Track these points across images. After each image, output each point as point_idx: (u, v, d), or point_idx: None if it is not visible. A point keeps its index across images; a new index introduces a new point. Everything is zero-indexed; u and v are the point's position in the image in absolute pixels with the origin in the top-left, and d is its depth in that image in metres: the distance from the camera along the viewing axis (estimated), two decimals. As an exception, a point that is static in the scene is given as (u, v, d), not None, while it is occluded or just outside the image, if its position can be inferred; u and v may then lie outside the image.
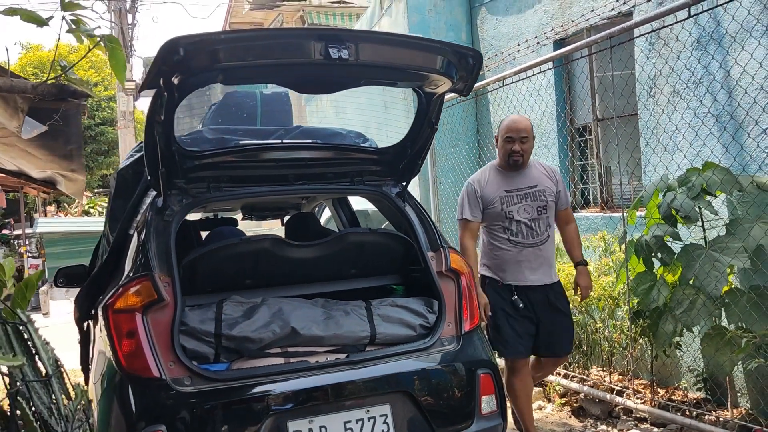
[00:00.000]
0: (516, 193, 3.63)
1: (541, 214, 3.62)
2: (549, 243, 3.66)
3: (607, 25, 4.83)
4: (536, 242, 3.62)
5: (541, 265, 3.62)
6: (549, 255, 3.67)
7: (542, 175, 3.68)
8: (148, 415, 2.35)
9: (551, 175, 3.72)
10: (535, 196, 3.62)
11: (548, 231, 3.65)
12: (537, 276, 3.61)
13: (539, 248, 3.62)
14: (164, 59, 2.19)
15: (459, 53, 2.66)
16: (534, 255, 3.61)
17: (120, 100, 16.32)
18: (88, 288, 3.14)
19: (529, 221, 3.61)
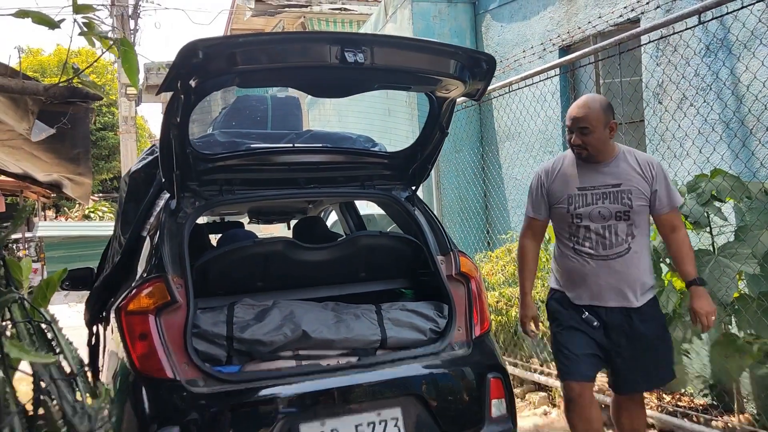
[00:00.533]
0: (591, 192, 2.93)
1: (620, 219, 2.89)
2: (630, 257, 2.89)
3: (614, 32, 4.85)
4: (608, 255, 2.90)
5: (618, 284, 2.90)
6: (630, 272, 2.90)
7: (632, 171, 2.91)
8: (162, 416, 2.36)
9: (646, 170, 2.92)
10: (616, 197, 2.89)
11: (629, 242, 2.89)
12: (610, 296, 2.91)
13: (614, 262, 2.89)
14: (183, 62, 2.20)
15: (473, 57, 2.68)
16: (605, 271, 2.90)
17: (122, 105, 16.34)
18: (99, 290, 3.14)
19: (601, 228, 2.91)
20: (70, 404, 1.37)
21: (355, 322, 2.85)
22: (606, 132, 2.88)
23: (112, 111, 23.88)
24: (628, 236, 2.90)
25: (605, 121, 2.87)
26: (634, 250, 2.90)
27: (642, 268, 2.93)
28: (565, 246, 3.04)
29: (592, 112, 2.87)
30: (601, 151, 2.92)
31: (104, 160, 24.61)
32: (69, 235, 14.02)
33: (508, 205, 6.31)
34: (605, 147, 2.91)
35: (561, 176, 3.04)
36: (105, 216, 19.95)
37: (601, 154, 2.93)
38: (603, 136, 2.89)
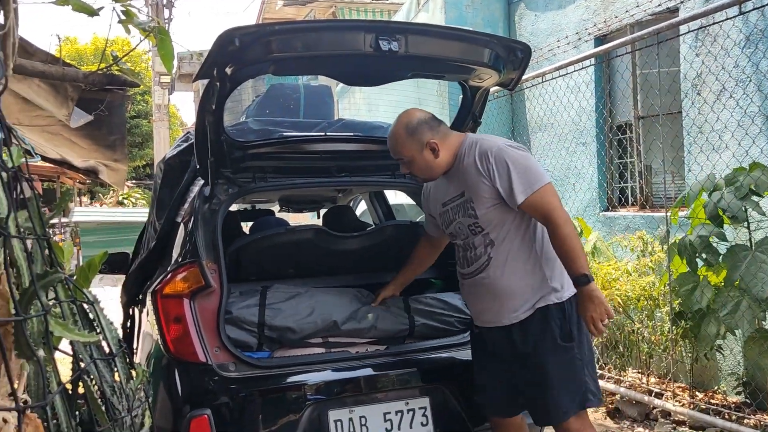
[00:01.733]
0: (450, 207, 2.56)
1: (475, 232, 2.48)
2: (494, 269, 2.45)
3: (651, 22, 4.76)
4: (473, 270, 2.51)
5: (491, 300, 2.47)
6: (498, 284, 2.43)
7: (473, 172, 2.43)
8: (194, 399, 2.40)
9: (483, 166, 2.40)
10: (464, 209, 2.49)
11: (489, 252, 2.45)
12: (487, 315, 2.51)
13: (480, 277, 2.49)
14: (219, 50, 2.22)
15: (508, 46, 2.65)
16: (476, 287, 2.51)
17: (155, 93, 16.56)
18: (136, 274, 3.20)
19: (463, 244, 2.55)
20: (109, 384, 1.40)
21: (384, 311, 2.86)
22: (426, 154, 2.46)
23: (146, 99, 24.20)
24: (487, 246, 2.46)
25: (419, 146, 2.46)
26: (497, 259, 2.44)
27: (516, 276, 2.43)
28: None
29: (397, 143, 2.51)
30: (433, 171, 2.52)
31: (138, 148, 24.97)
32: (104, 221, 14.27)
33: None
34: (436, 166, 2.49)
35: (431, 195, 2.71)
36: (138, 202, 20.27)
37: (435, 172, 2.53)
38: (425, 161, 2.48)
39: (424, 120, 2.50)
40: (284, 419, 2.46)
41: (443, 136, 2.50)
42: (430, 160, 2.48)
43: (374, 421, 2.56)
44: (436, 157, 2.47)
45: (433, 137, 2.47)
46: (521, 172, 2.35)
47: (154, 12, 15.21)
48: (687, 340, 4.07)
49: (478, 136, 2.56)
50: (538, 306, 2.40)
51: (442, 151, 2.47)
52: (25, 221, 1.17)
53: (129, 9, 2.84)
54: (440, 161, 2.49)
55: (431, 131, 2.48)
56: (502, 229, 2.44)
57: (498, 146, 2.41)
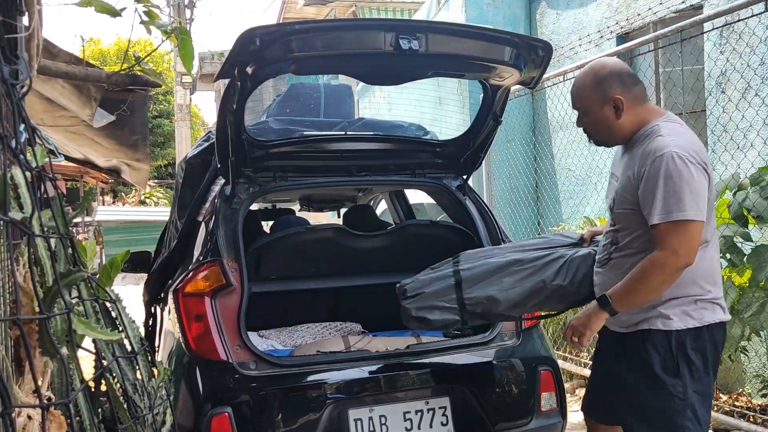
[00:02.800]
0: (610, 182, 2.34)
1: (611, 224, 2.27)
2: (610, 267, 2.23)
3: (674, 19, 4.69)
4: (599, 258, 2.31)
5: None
6: (607, 287, 2.17)
7: (635, 162, 2.12)
8: (215, 397, 2.41)
9: (641, 163, 2.08)
10: (613, 192, 2.26)
11: (611, 249, 2.23)
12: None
13: (599, 269, 2.30)
14: (240, 49, 2.23)
15: (529, 45, 2.63)
16: (596, 276, 2.32)
17: (177, 93, 16.71)
18: (158, 273, 3.23)
19: (605, 230, 2.33)
20: (131, 382, 1.42)
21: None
22: (605, 111, 2.17)
23: (168, 99, 24.44)
24: (612, 244, 2.23)
25: (601, 98, 2.16)
26: (615, 262, 2.21)
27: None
28: None
29: (580, 88, 2.24)
30: (605, 134, 2.24)
31: (160, 147, 25.22)
32: (126, 220, 14.45)
33: (560, 197, 6.20)
34: (614, 129, 2.19)
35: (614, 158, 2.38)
36: (160, 201, 20.47)
37: (608, 138, 2.25)
38: (601, 117, 2.19)
39: (617, 72, 2.17)
40: (304, 418, 2.46)
41: (635, 99, 2.15)
42: (610, 119, 2.16)
43: (394, 421, 2.56)
44: (617, 117, 2.15)
45: (622, 94, 2.13)
46: (669, 193, 2.00)
47: (175, 12, 15.35)
48: (711, 342, 4.01)
49: (667, 125, 2.13)
50: (641, 327, 2.15)
51: (626, 113, 2.14)
52: (48, 220, 1.19)
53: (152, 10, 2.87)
54: (620, 125, 2.16)
55: (622, 87, 2.15)
56: (630, 236, 2.17)
57: (666, 151, 2.02)
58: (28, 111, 1.17)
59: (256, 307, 2.84)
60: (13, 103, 1.07)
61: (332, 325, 3.09)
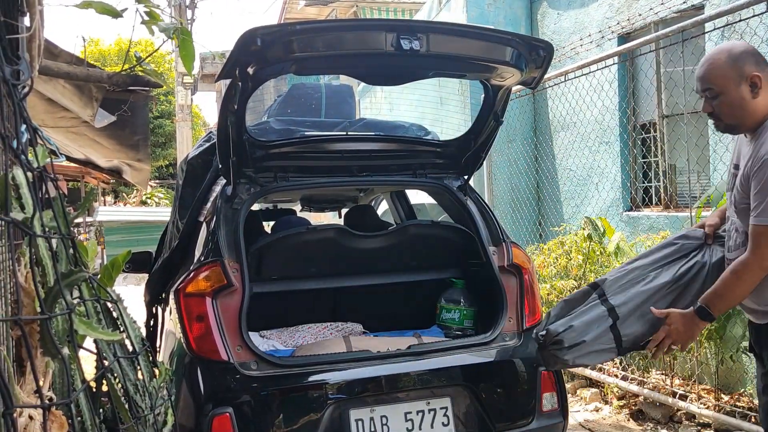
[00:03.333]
0: (732, 173, 2.25)
1: (734, 213, 2.21)
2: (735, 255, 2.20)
3: (675, 19, 4.69)
4: (729, 257, 2.24)
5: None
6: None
7: (756, 158, 2.06)
8: (216, 397, 2.41)
9: (758, 162, 2.03)
10: (733, 183, 2.19)
11: (736, 239, 2.19)
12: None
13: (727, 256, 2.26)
14: (241, 50, 2.23)
15: (530, 45, 2.63)
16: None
17: (178, 94, 16.71)
18: (159, 273, 3.23)
19: (729, 220, 2.27)
20: (132, 382, 1.42)
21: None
22: (741, 89, 2.06)
23: (169, 99, 24.47)
24: (734, 232, 2.20)
25: (737, 75, 2.06)
26: (738, 251, 2.17)
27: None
28: None
29: (714, 68, 2.11)
30: (737, 117, 2.10)
31: (161, 147, 25.25)
32: (127, 220, 14.46)
33: (561, 197, 6.20)
34: (748, 109, 2.07)
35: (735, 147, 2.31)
36: (161, 202, 20.48)
37: (740, 121, 2.11)
38: (736, 97, 2.07)
39: (751, 51, 2.10)
40: (305, 418, 2.47)
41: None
42: (746, 98, 2.06)
43: (395, 421, 2.56)
44: (754, 96, 2.06)
45: (760, 72, 2.06)
46: (763, 199, 1.99)
47: (176, 13, 15.36)
48: (712, 342, 4.00)
49: None
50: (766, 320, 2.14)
51: (764, 91, 2.06)
52: (50, 221, 1.19)
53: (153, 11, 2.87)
54: (756, 104, 2.07)
55: (757, 66, 2.07)
56: (743, 222, 2.14)
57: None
58: (29, 111, 1.18)
59: (257, 308, 2.84)
60: (14, 104, 1.07)
61: (333, 325, 3.08)
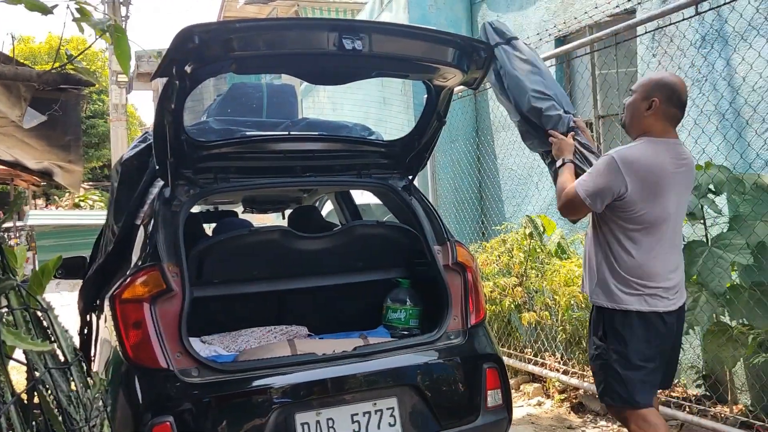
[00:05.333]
0: None
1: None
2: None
3: (610, 23, 4.83)
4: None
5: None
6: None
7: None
8: (155, 406, 2.34)
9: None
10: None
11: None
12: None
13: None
14: (178, 47, 2.17)
15: (471, 46, 2.66)
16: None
17: (113, 92, 16.22)
18: (93, 279, 3.12)
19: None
20: (65, 393, 1.35)
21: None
22: (643, 103, 2.63)
23: (102, 99, 23.74)
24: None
25: (647, 93, 2.62)
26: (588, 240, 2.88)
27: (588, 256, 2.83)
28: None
29: (643, 79, 2.73)
30: (633, 120, 2.70)
31: (94, 148, 24.48)
32: (60, 224, 13.93)
33: (503, 196, 6.30)
34: (637, 118, 2.67)
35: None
36: (95, 205, 19.83)
37: (632, 122, 2.71)
38: (637, 106, 2.66)
39: (673, 90, 2.61)
40: (250, 423, 2.42)
41: (663, 114, 2.61)
42: (640, 110, 2.64)
43: (342, 423, 2.54)
44: (645, 110, 2.62)
45: (661, 102, 2.59)
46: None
47: (110, 10, 14.89)
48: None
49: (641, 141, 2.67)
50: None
51: (653, 115, 2.61)
52: (-26, 226, 1.12)
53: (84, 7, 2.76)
54: (644, 120, 2.63)
55: (664, 99, 2.59)
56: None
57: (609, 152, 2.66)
58: (-51, 110, 1.11)
59: (198, 313, 2.77)
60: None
61: (278, 328, 3.04)
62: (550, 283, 4.72)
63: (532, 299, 4.95)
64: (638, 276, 2.64)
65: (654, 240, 2.64)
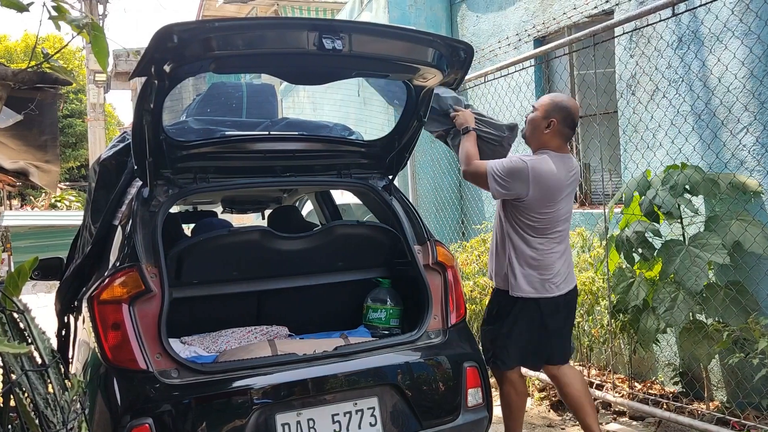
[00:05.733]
0: None
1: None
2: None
3: (588, 24, 4.88)
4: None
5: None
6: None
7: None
8: (134, 408, 2.32)
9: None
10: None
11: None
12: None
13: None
14: (157, 46, 2.15)
15: (451, 46, 2.67)
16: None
17: (90, 92, 16.03)
18: (70, 280, 3.08)
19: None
20: (42, 396, 1.34)
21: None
22: (542, 121, 3.10)
23: (80, 98, 23.45)
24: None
25: (546, 113, 3.10)
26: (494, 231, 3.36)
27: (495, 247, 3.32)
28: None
29: (546, 98, 3.19)
30: (532, 134, 3.17)
31: (71, 148, 24.17)
32: (36, 225, 13.71)
33: (482, 196, 6.33)
34: (537, 134, 3.14)
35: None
36: (72, 205, 19.57)
37: (532, 136, 3.18)
38: (537, 123, 3.13)
39: (569, 113, 3.10)
40: (230, 425, 2.41)
41: (559, 133, 3.10)
42: (541, 128, 3.11)
43: (322, 424, 2.53)
44: (544, 128, 3.10)
45: (558, 122, 3.07)
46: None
47: (87, 8, 14.71)
48: (625, 333, 4.19)
49: (541, 153, 3.13)
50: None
51: (550, 133, 3.09)
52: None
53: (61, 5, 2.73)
54: (543, 136, 3.11)
55: (561, 120, 3.08)
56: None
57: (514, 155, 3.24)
58: None
59: (178, 313, 2.75)
60: None
61: (258, 329, 3.02)
62: (529, 282, 4.75)
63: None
64: (534, 267, 3.10)
65: (546, 238, 3.10)
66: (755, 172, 3.74)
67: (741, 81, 3.73)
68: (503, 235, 3.19)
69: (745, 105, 3.73)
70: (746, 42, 3.70)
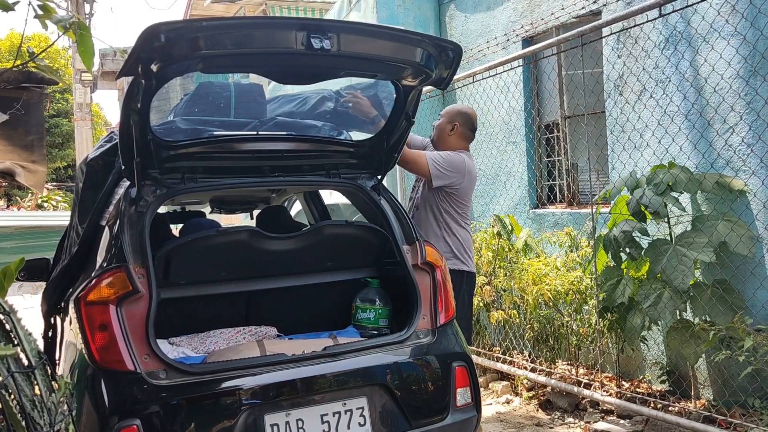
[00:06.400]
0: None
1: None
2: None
3: (576, 24, 4.91)
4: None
5: None
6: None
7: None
8: (122, 409, 2.30)
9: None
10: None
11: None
12: None
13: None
14: (144, 46, 2.14)
15: (439, 46, 2.67)
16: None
17: (77, 92, 15.92)
18: (57, 281, 3.05)
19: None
20: (29, 398, 1.33)
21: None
22: (447, 126, 3.75)
23: (66, 97, 23.26)
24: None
25: (451, 119, 3.74)
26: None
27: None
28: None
29: (451, 108, 3.81)
30: (438, 138, 3.80)
31: (58, 148, 23.96)
32: (22, 225, 13.54)
33: (471, 195, 6.34)
34: (443, 138, 3.77)
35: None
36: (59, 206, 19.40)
37: (438, 139, 3.79)
38: (443, 128, 3.76)
39: (469, 118, 3.77)
40: (219, 425, 2.39)
41: (462, 135, 3.76)
42: (446, 130, 3.76)
43: (311, 424, 2.53)
44: (449, 131, 3.74)
45: (460, 125, 3.73)
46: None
47: (73, 7, 14.61)
48: (613, 332, 4.21)
49: (456, 151, 3.71)
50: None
51: (455, 135, 3.74)
52: (-70, 227, 1.09)
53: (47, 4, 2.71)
54: (449, 138, 3.75)
55: (462, 123, 3.74)
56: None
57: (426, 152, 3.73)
58: None
59: (166, 314, 2.73)
60: None
61: (246, 329, 3.01)
62: (518, 282, 4.77)
63: (500, 298, 5.00)
64: (468, 246, 3.71)
65: (467, 221, 3.75)
66: (741, 171, 3.77)
67: (727, 81, 3.77)
68: (439, 220, 3.67)
69: (732, 105, 3.77)
70: (732, 42, 3.74)
